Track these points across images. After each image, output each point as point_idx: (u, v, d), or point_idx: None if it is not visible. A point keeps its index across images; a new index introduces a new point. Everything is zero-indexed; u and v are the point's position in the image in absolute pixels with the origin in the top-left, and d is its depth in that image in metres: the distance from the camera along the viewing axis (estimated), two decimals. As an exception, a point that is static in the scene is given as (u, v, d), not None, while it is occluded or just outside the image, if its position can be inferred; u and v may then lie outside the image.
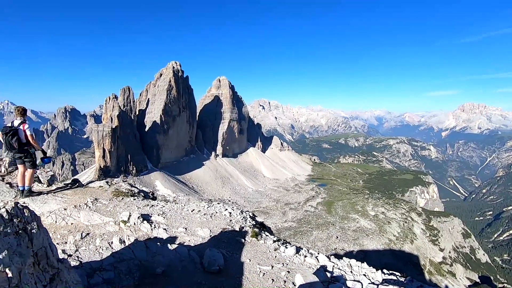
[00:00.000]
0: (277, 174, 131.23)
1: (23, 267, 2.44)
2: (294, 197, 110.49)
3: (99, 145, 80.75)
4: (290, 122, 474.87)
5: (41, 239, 2.75)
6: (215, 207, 8.29)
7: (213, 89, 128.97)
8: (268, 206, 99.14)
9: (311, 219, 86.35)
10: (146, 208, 8.08)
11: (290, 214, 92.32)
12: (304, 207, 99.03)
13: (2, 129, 7.93)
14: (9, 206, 2.67)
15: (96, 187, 9.82)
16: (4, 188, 8.84)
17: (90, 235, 6.49)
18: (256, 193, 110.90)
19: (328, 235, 72.89)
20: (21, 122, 8.11)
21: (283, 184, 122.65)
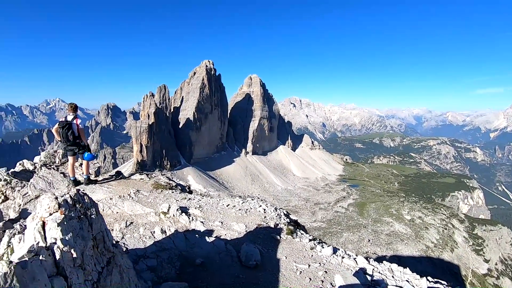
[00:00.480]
0: (307, 173, 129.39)
1: (85, 249, 2.64)
2: (324, 197, 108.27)
3: (137, 140, 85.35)
4: (322, 121, 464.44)
5: (99, 224, 2.96)
6: (249, 203, 8.36)
7: (244, 87, 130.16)
8: (297, 205, 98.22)
9: (341, 220, 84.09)
10: (184, 201, 8.37)
11: (319, 214, 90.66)
12: (334, 207, 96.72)
13: (59, 123, 8.68)
14: (72, 193, 2.90)
15: (137, 179, 10.37)
16: (59, 177, 9.67)
17: (134, 224, 6.87)
18: (285, 192, 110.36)
19: (359, 237, 70.51)
20: (74, 117, 8.81)
21: (313, 184, 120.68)
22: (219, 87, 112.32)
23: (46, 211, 2.63)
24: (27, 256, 2.21)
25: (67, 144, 8.94)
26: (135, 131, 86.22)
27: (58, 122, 8.71)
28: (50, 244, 2.43)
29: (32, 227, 2.55)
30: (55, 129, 8.88)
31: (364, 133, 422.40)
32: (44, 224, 2.55)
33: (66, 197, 2.79)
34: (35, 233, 2.50)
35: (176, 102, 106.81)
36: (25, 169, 10.76)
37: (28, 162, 11.34)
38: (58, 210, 2.63)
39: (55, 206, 2.64)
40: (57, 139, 9.35)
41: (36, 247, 2.32)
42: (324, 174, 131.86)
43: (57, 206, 2.65)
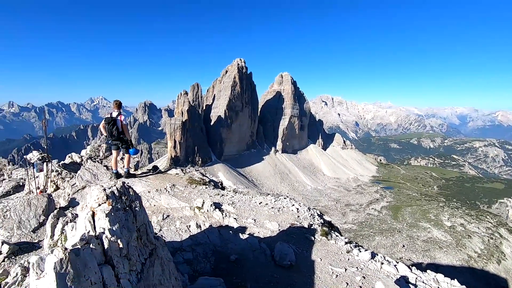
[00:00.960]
0: (338, 173, 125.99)
1: (130, 240, 2.73)
2: (356, 198, 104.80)
3: (171, 136, 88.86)
4: (355, 119, 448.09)
5: (142, 216, 3.05)
6: (282, 201, 8.26)
7: (275, 85, 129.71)
8: (327, 205, 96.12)
9: (373, 223, 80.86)
10: (217, 197, 8.49)
11: (350, 215, 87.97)
12: (366, 209, 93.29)
13: (105, 119, 9.22)
14: (118, 185, 3.01)
15: (173, 174, 10.73)
16: (102, 170, 10.30)
17: (170, 217, 7.10)
18: (315, 191, 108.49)
19: (393, 242, 67.27)
20: (118, 114, 9.30)
21: (344, 184, 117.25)
22: (250, 85, 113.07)
23: (96, 201, 2.76)
24: (79, 244, 2.32)
25: (112, 139, 9.46)
26: (170, 128, 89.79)
27: (105, 119, 9.26)
28: (99, 233, 2.55)
29: (83, 216, 2.68)
30: (102, 125, 9.45)
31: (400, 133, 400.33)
32: (93, 214, 2.68)
33: (113, 189, 2.90)
34: (85, 222, 2.63)
35: (208, 100, 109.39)
36: (73, 161, 11.64)
37: (76, 155, 12.25)
38: (106, 201, 2.75)
39: (103, 197, 2.77)
40: (103, 134, 9.94)
41: (87, 236, 2.44)
42: (356, 174, 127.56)
43: (105, 197, 2.77)
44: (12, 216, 7.05)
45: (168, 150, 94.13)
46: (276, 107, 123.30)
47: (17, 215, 7.07)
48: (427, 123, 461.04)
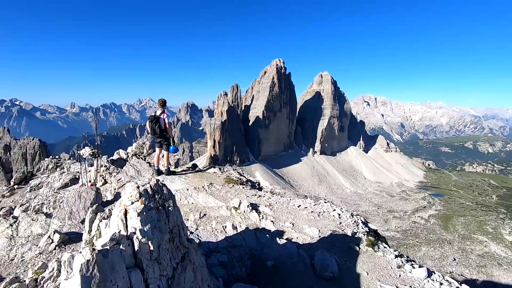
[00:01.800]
0: (380, 177, 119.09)
1: (162, 241, 2.55)
2: (400, 204, 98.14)
3: (211, 136, 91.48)
4: (400, 121, 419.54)
5: (175, 217, 2.87)
6: (322, 205, 7.74)
7: (314, 85, 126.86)
8: (367, 211, 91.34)
9: (420, 233, 74.89)
10: (254, 197, 8.24)
11: (393, 222, 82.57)
12: (411, 217, 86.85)
13: (149, 117, 9.53)
14: (152, 182, 2.86)
15: (211, 173, 10.75)
16: (145, 166, 10.70)
17: (207, 216, 7.02)
18: (354, 195, 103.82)
19: (442, 254, 61.53)
20: (162, 112, 9.54)
21: (387, 189, 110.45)
22: (289, 86, 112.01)
23: (129, 199, 2.63)
24: (109, 244, 2.18)
25: (155, 136, 9.75)
26: (209, 128, 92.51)
27: (149, 116, 9.56)
28: (130, 233, 2.40)
29: (116, 214, 2.57)
30: (148, 123, 9.79)
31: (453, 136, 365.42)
32: (126, 212, 2.55)
33: (147, 187, 2.76)
34: (118, 220, 2.51)
35: (247, 100, 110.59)
36: (120, 158, 12.29)
37: (123, 151, 12.94)
38: (139, 199, 2.61)
39: (136, 195, 2.63)
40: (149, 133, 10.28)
41: (117, 235, 2.30)
42: (400, 179, 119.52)
43: (138, 195, 2.63)
44: (65, 207, 7.54)
45: (207, 149, 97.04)
46: (315, 107, 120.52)
47: (68, 206, 7.55)
48: (485, 125, 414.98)
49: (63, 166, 21.72)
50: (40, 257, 5.91)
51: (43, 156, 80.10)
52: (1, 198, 18.31)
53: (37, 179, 19.07)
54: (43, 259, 5.83)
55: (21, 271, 5.47)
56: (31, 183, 18.59)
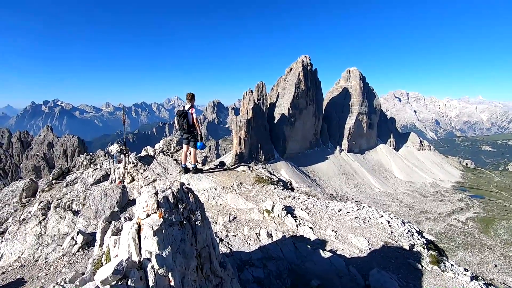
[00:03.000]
0: (412, 176, 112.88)
1: (186, 271, 1.82)
2: (434, 206, 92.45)
3: (237, 134, 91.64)
4: (434, 117, 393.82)
5: (205, 234, 2.13)
6: (366, 210, 6.72)
7: (341, 81, 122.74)
8: (398, 212, 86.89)
9: (456, 236, 69.99)
10: (288, 199, 7.41)
11: (426, 224, 77.89)
12: (447, 219, 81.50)
13: (177, 112, 8.99)
14: (175, 188, 2.14)
15: (239, 171, 10.06)
16: (172, 163, 10.26)
17: (237, 219, 6.31)
18: (384, 195, 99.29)
19: (481, 260, 56.86)
20: (190, 107, 8.97)
21: (420, 189, 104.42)
22: (315, 82, 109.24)
23: (144, 210, 1.93)
24: (111, 279, 1.49)
25: (182, 132, 9.23)
26: (235, 126, 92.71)
27: (177, 111, 9.03)
28: (143, 260, 1.69)
29: (127, 230, 1.87)
30: (176, 118, 9.28)
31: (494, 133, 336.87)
32: (140, 228, 1.86)
33: (168, 194, 2.04)
34: (129, 239, 1.82)
35: (272, 98, 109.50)
36: (147, 155, 11.99)
37: (150, 148, 12.65)
38: (157, 210, 1.91)
39: (153, 205, 1.92)
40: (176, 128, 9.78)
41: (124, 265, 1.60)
42: (434, 179, 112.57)
43: (155, 205, 1.92)
44: (91, 206, 7.22)
45: (233, 146, 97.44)
46: (342, 104, 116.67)
47: (94, 205, 7.21)
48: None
49: (96, 163, 22.26)
50: (63, 259, 5.56)
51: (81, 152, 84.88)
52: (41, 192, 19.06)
53: (73, 175, 19.61)
54: (66, 261, 5.46)
55: (43, 274, 5.13)
56: (67, 179, 19.10)
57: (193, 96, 9.14)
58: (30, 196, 19.28)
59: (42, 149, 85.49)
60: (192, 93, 9.11)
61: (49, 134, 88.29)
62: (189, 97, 9.03)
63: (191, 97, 9.06)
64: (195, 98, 9.23)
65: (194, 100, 9.21)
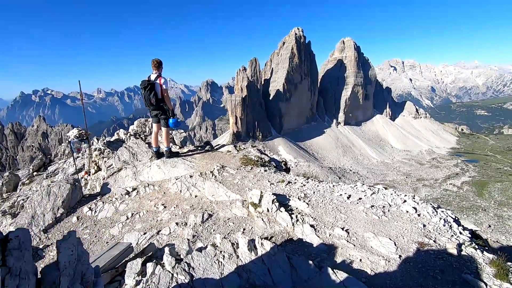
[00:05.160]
0: (409, 145, 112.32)
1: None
2: (430, 172, 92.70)
3: (232, 112, 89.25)
4: (430, 84, 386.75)
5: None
6: (384, 195, 5.05)
7: (336, 53, 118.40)
8: (395, 180, 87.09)
9: (452, 200, 70.66)
10: (281, 185, 5.72)
11: (423, 191, 78.30)
12: (442, 185, 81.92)
13: (141, 82, 7.05)
14: None
15: (224, 152, 8.31)
16: (144, 148, 8.46)
17: (214, 218, 4.65)
18: (381, 165, 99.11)
19: (476, 221, 57.56)
20: (157, 76, 7.03)
21: (416, 157, 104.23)
22: (309, 55, 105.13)
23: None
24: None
25: (150, 109, 7.37)
26: (230, 104, 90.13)
27: (141, 82, 7.09)
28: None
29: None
30: (141, 91, 7.34)
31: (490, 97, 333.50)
32: None
33: None
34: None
35: (267, 74, 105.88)
36: (118, 139, 10.16)
37: (122, 131, 10.79)
38: None
39: None
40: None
41: None
42: (430, 146, 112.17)
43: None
44: (27, 209, 5.55)
45: (230, 126, 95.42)
46: (337, 76, 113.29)
47: (32, 208, 5.52)
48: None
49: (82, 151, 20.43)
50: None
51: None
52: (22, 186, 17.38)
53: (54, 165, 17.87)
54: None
55: None
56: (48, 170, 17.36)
57: (161, 63, 7.15)
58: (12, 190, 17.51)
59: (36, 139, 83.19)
60: (159, 59, 7.12)
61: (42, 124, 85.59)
62: (155, 63, 7.05)
63: (158, 64, 7.08)
64: (162, 65, 7.25)
65: (162, 68, 7.24)
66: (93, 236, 4.65)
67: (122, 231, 4.70)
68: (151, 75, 7.10)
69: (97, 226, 4.98)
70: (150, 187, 6.30)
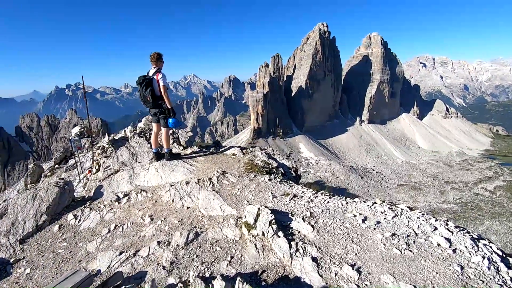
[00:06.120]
0: (437, 145, 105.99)
1: None
2: (460, 175, 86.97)
3: (254, 109, 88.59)
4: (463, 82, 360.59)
5: None
6: (408, 218, 4.06)
7: (362, 48, 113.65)
8: (421, 182, 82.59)
9: (483, 205, 65.99)
10: (285, 199, 4.89)
11: (451, 194, 73.68)
12: (473, 189, 76.65)
13: (138, 79, 6.48)
14: None
15: (229, 155, 7.58)
16: (145, 148, 7.95)
17: (199, 239, 3.94)
18: (406, 165, 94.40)
19: (509, 228, 53.43)
20: (156, 72, 6.42)
21: (445, 159, 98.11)
22: (333, 51, 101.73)
23: None
24: None
25: (147, 107, 6.80)
26: (252, 101, 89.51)
27: (138, 78, 6.53)
28: None
29: None
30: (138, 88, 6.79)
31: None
32: None
33: None
34: None
35: (289, 70, 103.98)
36: (123, 137, 9.78)
37: (129, 129, 10.41)
38: None
39: None
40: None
41: None
42: (461, 147, 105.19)
43: None
44: (9, 214, 5.17)
45: (251, 122, 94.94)
46: (362, 73, 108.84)
47: (14, 213, 5.12)
48: None
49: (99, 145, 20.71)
50: None
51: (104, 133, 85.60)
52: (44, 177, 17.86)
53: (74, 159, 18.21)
54: None
55: None
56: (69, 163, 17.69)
57: (160, 57, 6.51)
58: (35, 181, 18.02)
59: (68, 131, 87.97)
60: (158, 52, 6.49)
61: (74, 117, 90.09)
62: (154, 58, 6.42)
63: (157, 58, 6.44)
64: (163, 59, 6.62)
65: (162, 63, 6.60)
66: (68, 251, 4.13)
67: (99, 247, 4.14)
68: (149, 70, 6.52)
69: (76, 238, 4.47)
70: (142, 193, 5.74)
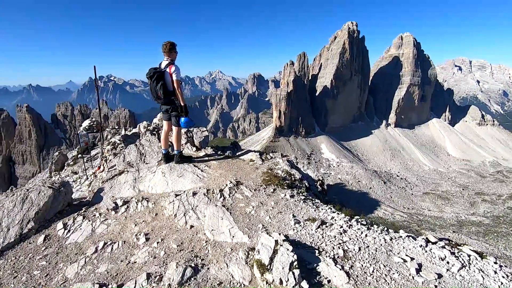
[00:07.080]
0: (469, 154, 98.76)
1: None
2: (493, 187, 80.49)
3: (277, 107, 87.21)
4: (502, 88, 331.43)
5: None
6: (481, 270, 2.91)
7: (392, 49, 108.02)
8: (449, 191, 77.34)
9: (517, 221, 60.46)
10: (310, 226, 3.85)
11: (482, 206, 68.26)
12: (507, 202, 70.65)
13: (148, 72, 5.67)
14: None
15: (246, 161, 6.62)
16: (155, 147, 7.19)
17: (198, 278, 3.00)
18: (434, 173, 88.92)
19: (549, 248, 48.17)
20: (168, 64, 5.57)
21: (477, 168, 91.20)
22: (362, 51, 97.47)
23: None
24: None
25: (158, 103, 6.00)
26: (275, 98, 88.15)
27: (149, 70, 5.71)
28: None
29: None
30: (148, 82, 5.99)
31: None
32: None
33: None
34: None
35: (315, 69, 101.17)
36: (137, 133, 9.13)
37: (144, 124, 9.76)
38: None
39: None
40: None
41: None
42: (496, 157, 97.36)
43: None
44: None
45: (273, 120, 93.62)
46: (391, 74, 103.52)
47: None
48: None
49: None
50: None
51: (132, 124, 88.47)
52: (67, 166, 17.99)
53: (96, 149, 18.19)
54: None
55: None
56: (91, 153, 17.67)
57: (174, 47, 5.63)
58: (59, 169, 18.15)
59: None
60: (171, 42, 5.63)
61: (104, 107, 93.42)
62: (166, 48, 5.55)
63: (170, 48, 5.57)
64: (176, 49, 5.75)
65: (176, 53, 5.73)
66: (44, 274, 3.39)
67: (79, 272, 3.36)
68: (162, 62, 5.69)
69: (58, 256, 3.74)
70: (143, 202, 4.94)
